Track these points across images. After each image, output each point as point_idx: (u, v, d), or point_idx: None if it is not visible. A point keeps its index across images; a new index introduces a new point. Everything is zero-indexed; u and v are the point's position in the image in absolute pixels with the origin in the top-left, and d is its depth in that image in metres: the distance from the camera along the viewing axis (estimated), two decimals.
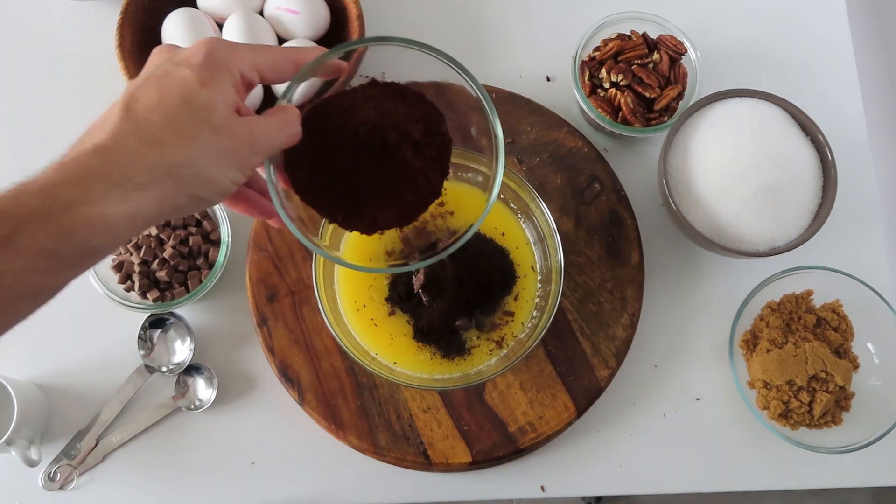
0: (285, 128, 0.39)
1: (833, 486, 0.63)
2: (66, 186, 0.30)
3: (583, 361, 0.63)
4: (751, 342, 0.64)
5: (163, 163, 0.32)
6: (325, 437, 0.62)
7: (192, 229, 0.66)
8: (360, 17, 0.67)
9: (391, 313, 0.62)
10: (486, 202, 0.47)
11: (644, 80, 0.65)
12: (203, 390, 0.64)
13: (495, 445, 0.61)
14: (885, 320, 0.61)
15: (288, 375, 0.62)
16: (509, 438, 0.61)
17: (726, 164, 0.60)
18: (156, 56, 0.38)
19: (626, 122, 0.65)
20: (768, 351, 0.61)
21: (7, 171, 0.69)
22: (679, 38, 0.66)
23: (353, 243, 0.59)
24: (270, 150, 0.38)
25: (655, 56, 0.66)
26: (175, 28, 0.66)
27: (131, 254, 0.64)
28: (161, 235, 0.65)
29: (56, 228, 0.29)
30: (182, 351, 0.64)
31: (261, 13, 0.70)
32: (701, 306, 0.67)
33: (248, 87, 0.39)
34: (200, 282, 0.64)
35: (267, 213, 0.44)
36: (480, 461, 0.61)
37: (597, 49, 0.68)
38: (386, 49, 0.51)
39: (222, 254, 0.64)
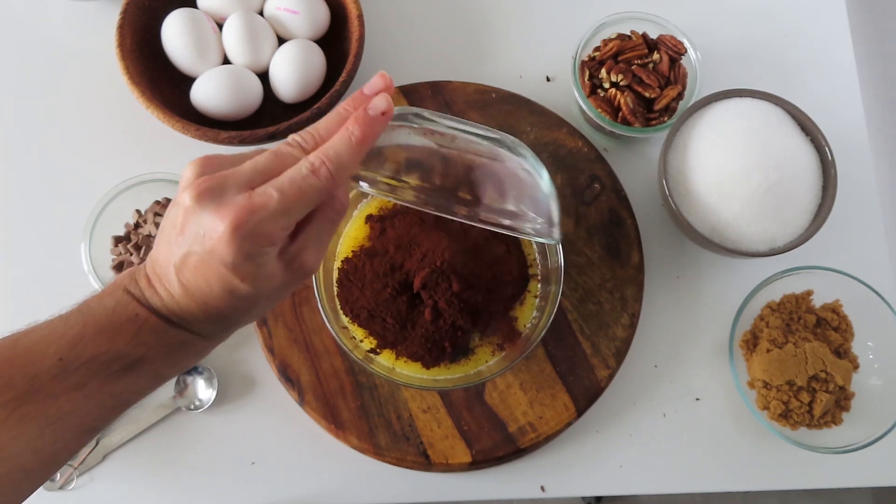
0: (332, 232, 0.41)
1: (833, 486, 0.63)
2: (180, 331, 0.39)
3: (583, 361, 0.63)
4: (751, 342, 0.64)
5: (231, 330, 0.41)
6: (325, 437, 0.62)
7: None
8: (360, 17, 0.67)
9: None
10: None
11: (644, 80, 0.65)
12: (203, 390, 0.64)
13: (495, 445, 0.61)
14: (885, 320, 0.61)
15: (288, 375, 0.62)
16: (509, 438, 0.61)
17: (726, 163, 0.60)
18: (185, 192, 0.36)
19: (626, 122, 0.65)
20: (768, 351, 0.61)
21: (7, 170, 0.69)
22: (679, 38, 0.67)
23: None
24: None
25: (655, 56, 0.66)
26: (175, 28, 0.66)
27: (131, 254, 0.64)
28: None
29: (171, 360, 0.40)
30: None
31: (261, 13, 0.70)
32: (701, 306, 0.67)
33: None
34: None
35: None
36: (480, 461, 0.61)
37: (597, 49, 0.68)
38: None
39: None
